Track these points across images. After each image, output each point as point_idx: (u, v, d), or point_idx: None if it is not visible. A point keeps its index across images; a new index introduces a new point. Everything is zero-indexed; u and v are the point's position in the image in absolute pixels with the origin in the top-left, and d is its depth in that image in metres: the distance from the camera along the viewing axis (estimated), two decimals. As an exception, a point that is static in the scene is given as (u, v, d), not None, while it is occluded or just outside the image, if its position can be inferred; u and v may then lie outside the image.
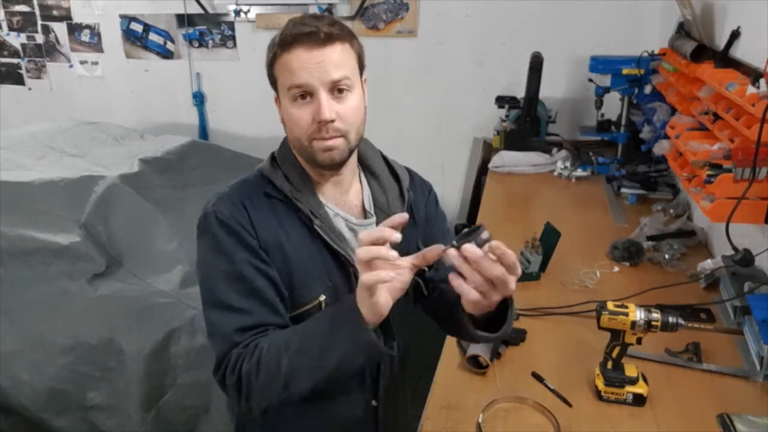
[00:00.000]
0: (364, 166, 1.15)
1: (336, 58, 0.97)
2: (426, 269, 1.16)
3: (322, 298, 1.04)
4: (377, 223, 1.10)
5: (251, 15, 3.39)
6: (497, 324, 0.98)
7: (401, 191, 1.15)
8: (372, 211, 1.12)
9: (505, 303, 0.95)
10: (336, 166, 1.04)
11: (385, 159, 1.18)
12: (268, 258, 1.01)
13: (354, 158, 1.10)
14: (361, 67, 1.05)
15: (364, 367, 1.00)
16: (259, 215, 1.02)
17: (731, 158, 1.42)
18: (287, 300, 1.03)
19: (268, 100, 1.09)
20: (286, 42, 0.97)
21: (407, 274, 0.90)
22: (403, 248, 1.12)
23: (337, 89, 0.98)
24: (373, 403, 1.15)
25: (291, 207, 1.04)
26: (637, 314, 1.23)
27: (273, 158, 1.10)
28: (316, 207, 1.04)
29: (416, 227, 1.16)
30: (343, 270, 1.06)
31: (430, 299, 1.17)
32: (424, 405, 1.31)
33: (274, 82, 1.03)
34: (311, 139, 0.99)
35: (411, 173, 1.21)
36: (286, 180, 1.05)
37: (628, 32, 2.91)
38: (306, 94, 0.97)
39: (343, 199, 1.10)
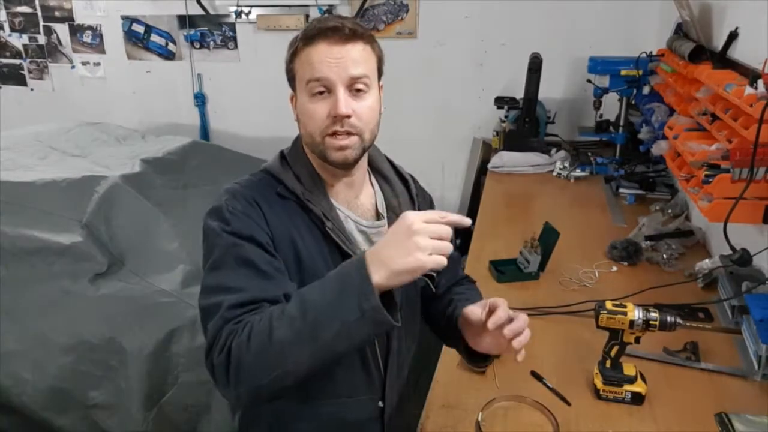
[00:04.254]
0: (374, 169, 1.16)
1: (357, 56, 0.97)
2: (435, 273, 1.15)
3: None
4: (389, 226, 1.09)
5: (252, 16, 3.39)
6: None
7: (411, 196, 1.15)
8: (385, 213, 1.11)
9: None
10: (348, 166, 1.04)
11: (392, 164, 1.18)
12: (276, 252, 0.98)
13: (365, 160, 1.10)
14: (380, 71, 1.05)
15: (365, 342, 0.95)
16: (273, 213, 1.01)
17: (729, 158, 1.42)
18: (296, 282, 0.98)
19: (268, 101, 1.10)
20: (309, 36, 0.97)
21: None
22: None
23: (355, 88, 0.98)
24: (380, 404, 1.15)
25: (303, 208, 1.03)
26: (636, 313, 1.23)
27: (282, 157, 1.09)
28: (327, 209, 1.04)
29: None
30: None
31: (433, 303, 1.19)
32: (424, 404, 1.31)
33: (292, 78, 1.02)
34: (324, 135, 0.99)
35: (414, 180, 1.21)
36: (297, 180, 1.04)
37: (627, 33, 2.91)
38: (324, 89, 0.97)
39: (355, 202, 1.10)
